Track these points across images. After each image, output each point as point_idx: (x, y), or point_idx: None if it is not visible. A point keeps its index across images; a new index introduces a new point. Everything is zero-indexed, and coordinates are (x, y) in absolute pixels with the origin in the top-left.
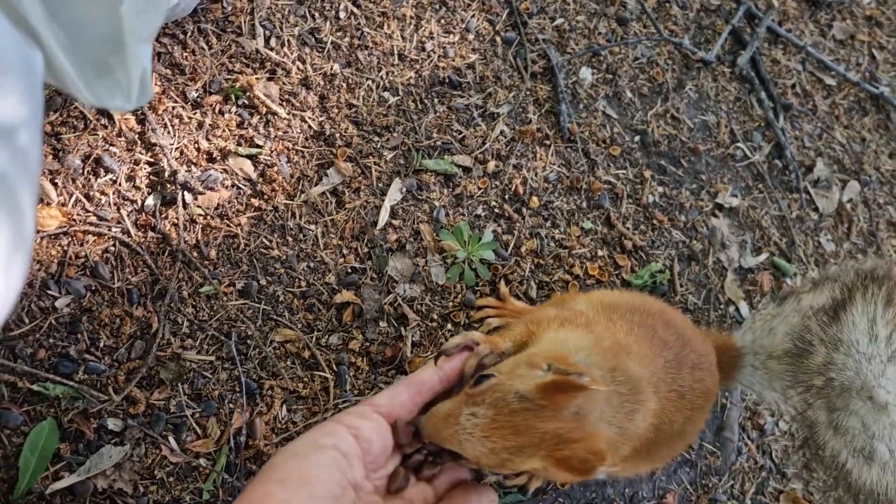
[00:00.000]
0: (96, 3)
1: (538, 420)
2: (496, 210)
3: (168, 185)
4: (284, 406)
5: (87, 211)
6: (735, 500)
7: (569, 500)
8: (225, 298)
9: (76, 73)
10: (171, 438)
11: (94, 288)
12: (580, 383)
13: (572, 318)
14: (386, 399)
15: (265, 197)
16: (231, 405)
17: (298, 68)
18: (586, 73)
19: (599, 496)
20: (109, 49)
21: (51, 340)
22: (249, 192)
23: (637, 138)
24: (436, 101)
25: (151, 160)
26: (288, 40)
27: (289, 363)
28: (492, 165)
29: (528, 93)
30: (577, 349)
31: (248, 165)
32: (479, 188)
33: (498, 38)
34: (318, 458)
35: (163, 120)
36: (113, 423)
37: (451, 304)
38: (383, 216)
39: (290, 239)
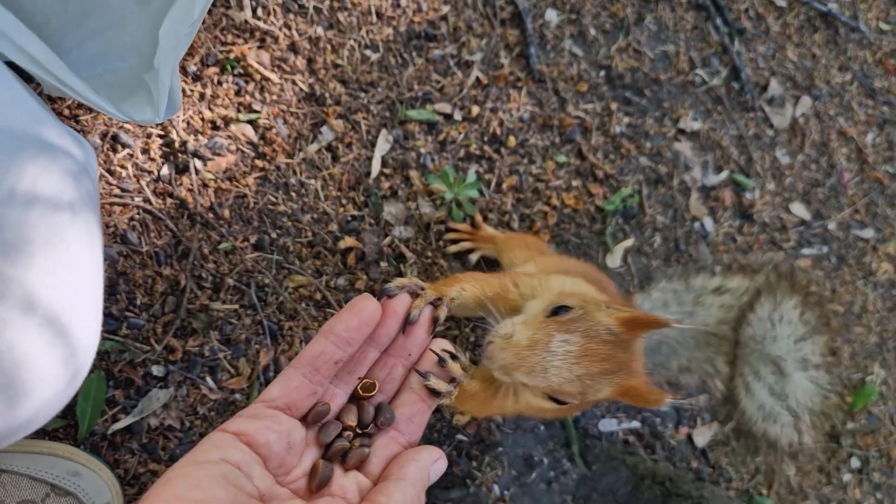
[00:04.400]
0: (137, 27)
1: (618, 350)
2: (477, 152)
3: (179, 155)
4: (303, 343)
5: (111, 184)
6: (705, 393)
7: None
8: (241, 253)
9: (102, 97)
10: (207, 379)
11: (125, 253)
12: (664, 319)
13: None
14: (278, 390)
15: (267, 158)
16: (257, 346)
17: (285, 34)
18: (552, 15)
19: None
20: (145, 68)
21: None
22: (253, 154)
23: (602, 73)
24: (414, 54)
25: (162, 133)
26: (273, 9)
27: (303, 305)
28: (470, 111)
29: (498, 39)
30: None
31: (249, 130)
32: (460, 133)
33: None
34: (198, 478)
35: None
36: (157, 370)
37: (442, 241)
38: (375, 166)
39: (294, 194)
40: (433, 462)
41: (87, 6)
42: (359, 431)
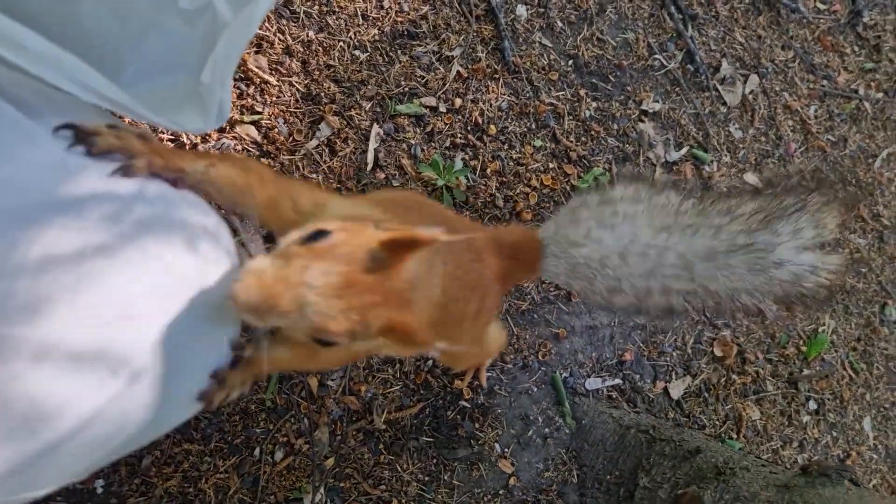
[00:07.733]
0: (188, 46)
1: (387, 278)
2: (462, 140)
3: None
4: None
5: None
6: (678, 350)
7: (547, 368)
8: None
9: (160, 114)
10: None
11: None
12: (430, 235)
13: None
14: None
15: (271, 155)
16: None
17: (280, 39)
18: (522, 10)
19: (573, 361)
20: (195, 82)
21: None
22: (258, 153)
23: (570, 62)
24: (399, 52)
25: (172, 137)
26: (267, 15)
27: None
28: (453, 103)
29: (475, 35)
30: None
31: (252, 131)
32: (446, 124)
33: None
34: None
35: None
36: None
37: None
38: (370, 158)
39: None
40: None
41: (145, 28)
42: None
